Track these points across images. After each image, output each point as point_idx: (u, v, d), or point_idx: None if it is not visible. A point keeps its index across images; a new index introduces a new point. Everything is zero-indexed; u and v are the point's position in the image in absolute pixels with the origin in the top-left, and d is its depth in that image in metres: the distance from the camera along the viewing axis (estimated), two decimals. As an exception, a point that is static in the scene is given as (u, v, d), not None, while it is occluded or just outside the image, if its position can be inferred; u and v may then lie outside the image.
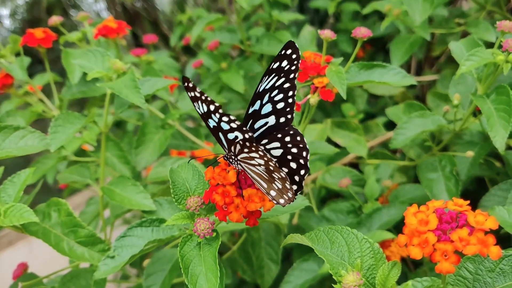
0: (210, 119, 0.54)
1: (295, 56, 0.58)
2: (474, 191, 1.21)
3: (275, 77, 0.58)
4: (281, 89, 0.58)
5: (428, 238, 0.42)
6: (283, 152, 0.57)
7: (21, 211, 0.65)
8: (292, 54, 0.58)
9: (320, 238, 0.52)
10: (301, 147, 0.56)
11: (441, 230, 0.43)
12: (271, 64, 0.58)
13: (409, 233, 0.44)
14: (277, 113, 0.58)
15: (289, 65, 0.57)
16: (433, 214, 0.43)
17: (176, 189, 0.60)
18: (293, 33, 1.54)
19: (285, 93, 0.58)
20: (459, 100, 0.85)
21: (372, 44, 1.70)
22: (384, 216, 0.93)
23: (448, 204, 0.45)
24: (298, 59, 0.58)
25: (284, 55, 0.58)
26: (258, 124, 0.59)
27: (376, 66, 0.81)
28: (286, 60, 0.57)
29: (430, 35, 1.18)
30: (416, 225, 0.43)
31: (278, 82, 0.58)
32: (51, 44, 1.01)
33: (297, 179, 0.56)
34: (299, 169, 0.56)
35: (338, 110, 1.49)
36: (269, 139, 0.58)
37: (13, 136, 0.73)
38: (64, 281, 0.74)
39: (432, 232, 0.42)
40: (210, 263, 0.54)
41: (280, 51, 0.58)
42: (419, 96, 1.60)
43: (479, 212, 0.43)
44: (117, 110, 0.80)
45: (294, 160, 0.56)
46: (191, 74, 1.62)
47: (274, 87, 0.58)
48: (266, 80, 0.58)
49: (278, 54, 0.58)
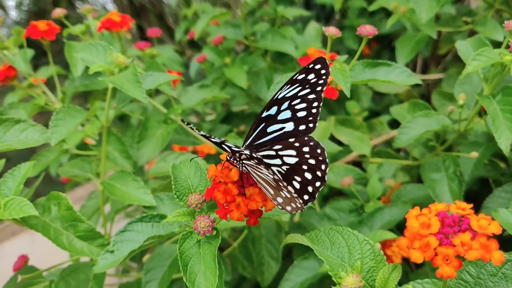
0: None
1: (324, 72, 0.57)
2: (478, 192, 1.21)
3: (298, 87, 0.58)
4: (305, 99, 0.58)
5: (429, 241, 0.41)
6: (298, 161, 0.56)
7: (21, 204, 0.64)
8: (321, 70, 0.57)
9: (321, 239, 0.51)
10: (321, 160, 0.55)
11: (443, 234, 0.42)
12: (295, 75, 0.58)
13: (411, 236, 0.43)
14: (297, 120, 0.58)
15: (316, 78, 0.57)
16: (435, 218, 0.43)
17: (177, 185, 0.60)
18: (298, 29, 1.53)
19: (309, 103, 0.58)
20: (465, 100, 0.84)
21: (378, 41, 1.69)
22: (386, 216, 0.92)
23: (451, 207, 0.44)
24: (327, 75, 0.57)
25: (312, 68, 0.58)
26: (272, 128, 0.59)
27: (381, 64, 0.80)
28: (313, 74, 0.57)
29: (437, 33, 1.17)
30: (417, 228, 0.43)
31: (301, 92, 0.58)
32: (54, 36, 1.00)
33: (310, 190, 0.55)
34: (314, 181, 0.55)
35: (342, 107, 1.48)
36: (284, 145, 0.58)
37: (14, 129, 0.73)
38: (63, 275, 0.74)
39: (434, 236, 0.42)
40: (209, 261, 0.53)
41: (308, 64, 0.58)
42: (424, 95, 1.59)
43: (482, 216, 0.42)
44: (119, 104, 0.79)
45: (310, 171, 0.55)
46: (195, 69, 1.62)
47: (296, 96, 0.58)
48: (287, 88, 0.58)
49: (305, 67, 0.58)
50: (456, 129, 0.89)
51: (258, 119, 0.59)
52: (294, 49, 1.26)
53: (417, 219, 0.43)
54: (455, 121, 0.90)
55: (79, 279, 0.74)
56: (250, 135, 0.59)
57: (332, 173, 1.09)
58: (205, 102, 1.19)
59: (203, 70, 1.57)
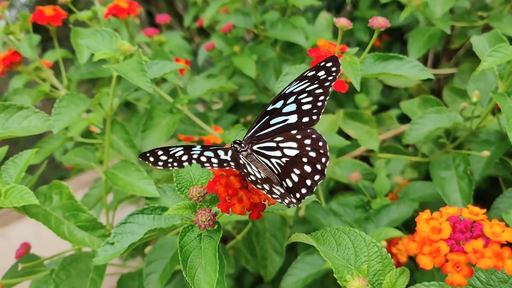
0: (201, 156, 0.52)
1: (335, 69, 0.57)
2: (487, 190, 1.18)
3: (307, 83, 0.57)
4: (312, 93, 0.57)
5: (440, 247, 0.40)
6: (298, 153, 0.55)
7: (22, 192, 0.63)
8: (332, 67, 0.57)
9: (326, 239, 0.50)
10: (322, 153, 0.54)
11: (454, 239, 0.40)
12: (305, 72, 0.57)
13: (420, 241, 0.41)
14: (301, 113, 0.57)
15: (326, 75, 0.57)
16: (447, 222, 0.41)
17: (179, 177, 0.58)
18: (309, 19, 1.50)
19: (315, 97, 0.57)
20: (478, 98, 0.82)
21: (389, 33, 1.66)
22: (393, 213, 0.91)
23: (463, 211, 0.42)
24: (338, 72, 0.57)
25: (323, 66, 0.57)
26: (276, 120, 0.58)
27: (392, 57, 0.78)
28: (323, 71, 0.57)
29: (450, 27, 1.14)
30: (428, 232, 0.41)
31: (309, 87, 0.57)
32: (61, 22, 0.99)
33: (308, 183, 0.54)
34: (313, 174, 0.54)
35: (351, 100, 1.46)
36: (285, 137, 0.57)
37: (17, 115, 0.72)
38: (64, 265, 0.73)
39: (444, 242, 0.40)
40: (210, 256, 0.52)
41: (319, 62, 0.57)
42: (435, 90, 1.56)
43: (495, 223, 0.40)
44: (124, 92, 0.78)
45: (309, 164, 0.54)
46: (203, 57, 1.60)
47: (303, 91, 0.57)
48: (296, 84, 0.58)
49: (317, 64, 0.57)
50: (468, 127, 0.86)
51: (263, 112, 0.59)
52: (304, 39, 1.24)
53: (428, 223, 0.42)
54: (467, 118, 0.88)
55: (80, 269, 0.73)
56: (253, 127, 0.59)
57: (339, 167, 1.07)
58: (212, 92, 1.18)
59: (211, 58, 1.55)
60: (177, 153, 0.50)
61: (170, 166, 0.50)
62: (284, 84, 0.78)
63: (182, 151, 0.51)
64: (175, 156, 0.50)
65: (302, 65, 0.80)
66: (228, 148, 0.54)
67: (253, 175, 0.50)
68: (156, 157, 0.50)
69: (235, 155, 0.54)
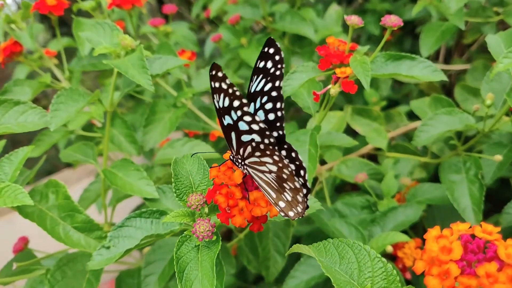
0: (227, 115, 0.48)
1: (279, 58, 0.50)
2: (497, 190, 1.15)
3: (263, 79, 0.51)
4: (270, 97, 0.51)
5: (450, 269, 0.37)
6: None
7: (16, 192, 0.61)
8: (275, 55, 0.50)
9: (329, 251, 0.47)
10: (298, 165, 0.50)
11: (466, 261, 0.38)
12: (257, 62, 0.51)
13: (429, 260, 0.39)
14: (261, 132, 0.49)
15: (273, 68, 0.50)
16: (458, 242, 0.38)
17: (178, 182, 0.56)
18: (319, 11, 1.47)
19: (273, 102, 0.51)
20: (492, 100, 0.78)
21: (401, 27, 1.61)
22: (399, 216, 0.88)
23: (476, 230, 0.40)
24: (281, 62, 0.50)
25: (267, 53, 0.50)
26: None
27: (404, 57, 0.75)
28: (270, 61, 0.50)
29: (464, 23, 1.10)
30: (437, 252, 0.38)
31: (266, 86, 0.51)
32: (63, 12, 0.96)
33: (300, 199, 0.50)
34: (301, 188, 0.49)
35: (360, 95, 1.43)
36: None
37: (13, 111, 0.69)
38: (60, 265, 0.71)
39: (455, 263, 0.37)
40: (207, 268, 0.49)
41: (263, 47, 0.50)
42: (446, 86, 1.52)
43: (511, 244, 0.38)
44: (124, 88, 0.75)
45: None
46: (211, 49, 1.57)
47: (263, 92, 0.51)
48: (255, 80, 0.51)
49: (261, 51, 0.50)
50: (480, 129, 0.83)
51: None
52: (313, 32, 1.21)
53: (437, 242, 0.39)
54: (480, 118, 0.84)
55: (76, 270, 0.71)
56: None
57: (345, 166, 1.04)
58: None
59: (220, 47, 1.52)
60: None
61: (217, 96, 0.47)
62: (291, 82, 0.75)
63: None
64: None
65: (310, 63, 0.77)
66: None
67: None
68: (223, 79, 0.46)
69: None
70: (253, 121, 0.47)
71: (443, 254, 0.38)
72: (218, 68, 0.46)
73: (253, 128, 0.48)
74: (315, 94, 0.74)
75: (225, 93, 0.46)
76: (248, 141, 0.49)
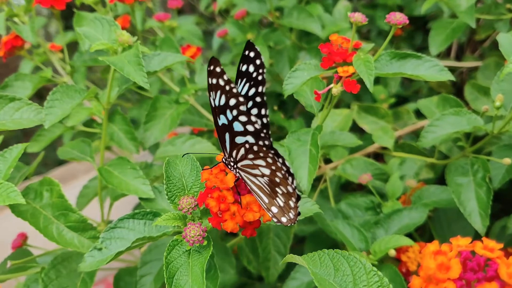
0: (222, 114, 0.46)
1: (259, 63, 0.48)
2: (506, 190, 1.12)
3: (247, 83, 0.49)
4: (255, 103, 0.49)
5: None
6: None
7: (8, 190, 0.60)
8: (256, 59, 0.48)
9: (324, 262, 0.45)
10: (286, 171, 0.47)
11: (464, 280, 0.35)
12: (239, 65, 0.49)
13: (425, 278, 0.37)
14: (256, 134, 0.48)
15: (255, 72, 0.49)
16: (456, 259, 0.36)
17: (170, 184, 0.54)
18: (328, 5, 1.44)
19: (259, 108, 0.50)
20: (502, 102, 0.75)
21: (411, 22, 1.56)
22: (404, 219, 0.86)
23: (476, 246, 0.37)
24: (262, 66, 0.48)
25: (248, 56, 0.48)
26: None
27: (410, 56, 0.72)
28: (252, 65, 0.48)
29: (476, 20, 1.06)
30: (434, 270, 0.36)
31: (250, 91, 0.49)
32: (64, 5, 0.95)
33: (292, 204, 0.48)
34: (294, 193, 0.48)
35: (368, 92, 1.40)
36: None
37: (9, 107, 0.68)
38: (55, 263, 0.70)
39: (453, 282, 0.35)
40: (197, 274, 0.48)
41: (243, 50, 0.48)
42: (456, 83, 1.49)
43: (513, 262, 0.36)
44: (121, 85, 0.73)
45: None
46: (218, 44, 1.55)
47: (248, 97, 0.49)
48: (240, 84, 0.50)
49: (242, 54, 0.49)
50: (489, 131, 0.80)
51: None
52: (320, 28, 1.18)
53: (435, 259, 0.37)
54: (489, 118, 0.82)
55: (71, 269, 0.70)
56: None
57: (350, 165, 1.02)
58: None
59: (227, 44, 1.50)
60: None
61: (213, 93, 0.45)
62: (292, 80, 0.73)
63: None
64: None
65: (313, 61, 0.75)
66: None
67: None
68: (220, 75, 0.45)
69: None
70: (248, 121, 0.46)
71: (440, 272, 0.36)
72: (217, 62, 0.44)
73: (248, 129, 0.46)
74: (316, 93, 0.72)
75: (222, 90, 0.45)
76: (241, 143, 0.47)
